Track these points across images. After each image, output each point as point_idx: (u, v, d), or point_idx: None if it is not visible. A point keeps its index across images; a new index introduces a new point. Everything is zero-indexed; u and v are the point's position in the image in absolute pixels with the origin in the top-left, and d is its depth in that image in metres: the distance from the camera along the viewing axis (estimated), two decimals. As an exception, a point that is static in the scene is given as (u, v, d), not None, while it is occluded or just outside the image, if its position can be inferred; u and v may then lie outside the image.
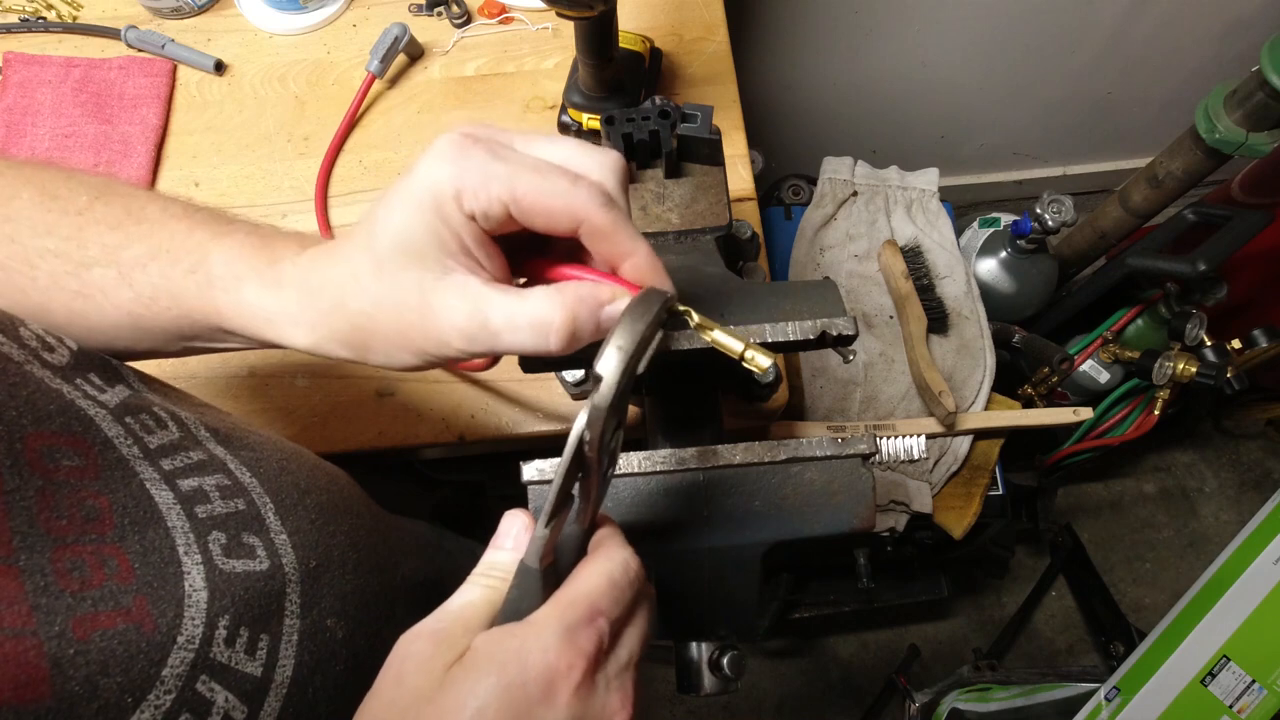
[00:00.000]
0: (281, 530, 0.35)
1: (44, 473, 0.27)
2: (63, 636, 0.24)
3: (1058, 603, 1.51)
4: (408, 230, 0.29)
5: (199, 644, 0.28)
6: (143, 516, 0.30)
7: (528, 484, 0.37)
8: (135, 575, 0.28)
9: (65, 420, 0.30)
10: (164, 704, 0.26)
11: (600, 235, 0.29)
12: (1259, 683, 0.89)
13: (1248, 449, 1.60)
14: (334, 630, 0.36)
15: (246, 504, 0.35)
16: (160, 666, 0.26)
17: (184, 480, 0.33)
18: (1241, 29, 1.25)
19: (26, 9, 0.78)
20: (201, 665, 0.28)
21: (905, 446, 0.86)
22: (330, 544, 0.38)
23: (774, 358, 0.30)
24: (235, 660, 0.29)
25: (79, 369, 0.33)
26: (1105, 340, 1.08)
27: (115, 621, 0.26)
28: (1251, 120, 0.89)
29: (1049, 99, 1.40)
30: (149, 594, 0.28)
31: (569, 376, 0.60)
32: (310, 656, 0.34)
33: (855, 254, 0.96)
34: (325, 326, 0.32)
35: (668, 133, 0.46)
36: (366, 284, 0.30)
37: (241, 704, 0.29)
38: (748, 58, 1.22)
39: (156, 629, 0.27)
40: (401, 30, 0.73)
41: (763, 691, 1.47)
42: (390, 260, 0.29)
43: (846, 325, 0.40)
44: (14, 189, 0.34)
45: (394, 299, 0.30)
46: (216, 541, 0.32)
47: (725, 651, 0.41)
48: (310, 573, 0.35)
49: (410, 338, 0.31)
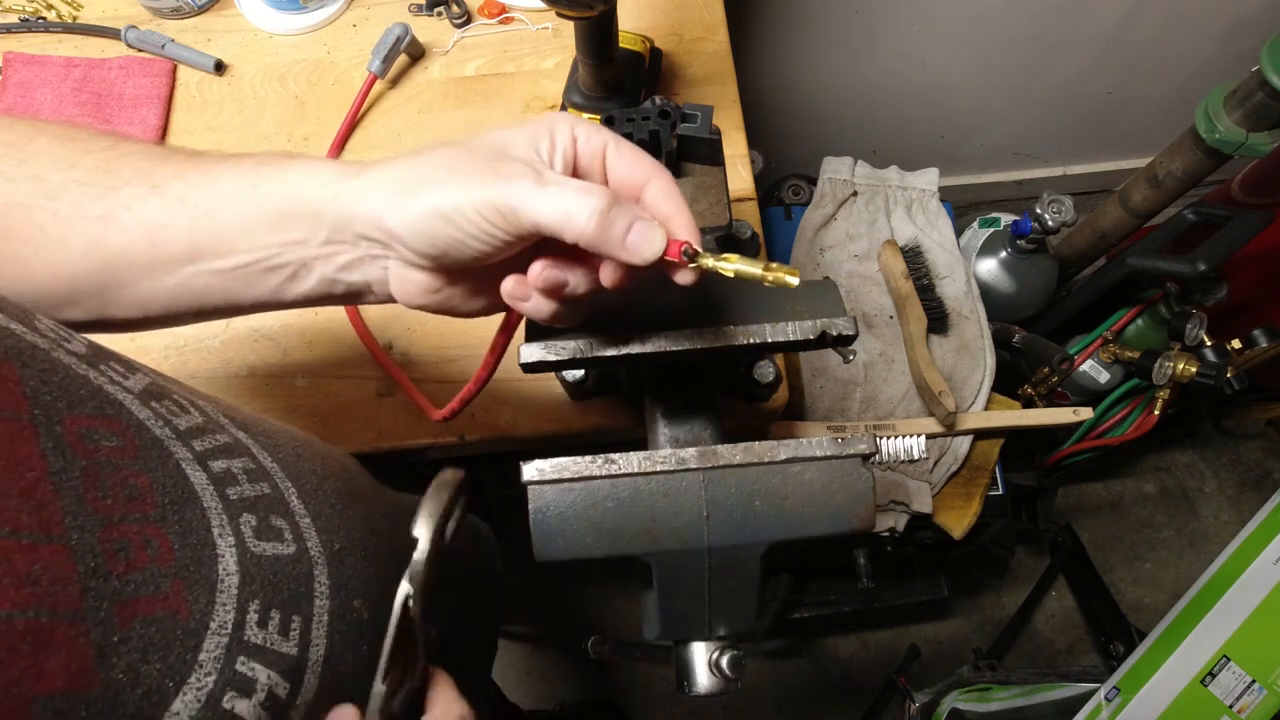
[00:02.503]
0: (305, 514, 0.36)
1: (85, 453, 0.27)
2: (108, 624, 0.24)
3: (1058, 603, 1.51)
4: (510, 136, 0.33)
5: (231, 628, 0.28)
6: (181, 496, 0.30)
7: (527, 484, 0.37)
8: (174, 557, 0.28)
9: (98, 404, 0.30)
10: (205, 685, 0.27)
11: (668, 194, 0.34)
12: (1259, 683, 0.89)
13: (1248, 449, 1.60)
14: (360, 611, 0.36)
15: (271, 488, 0.35)
16: (196, 652, 0.27)
17: (214, 462, 0.33)
18: (1241, 29, 1.25)
19: (26, 9, 0.78)
20: (237, 648, 0.28)
21: (905, 446, 0.86)
22: (350, 528, 0.38)
23: (797, 273, 0.33)
24: (270, 641, 0.30)
25: (100, 357, 0.33)
26: (1105, 340, 1.08)
27: (154, 608, 0.26)
28: (1251, 120, 0.89)
29: (1049, 99, 1.41)
30: (185, 578, 0.28)
31: (569, 376, 0.60)
32: (340, 636, 0.34)
33: (855, 254, 0.96)
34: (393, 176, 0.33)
35: (668, 133, 0.46)
36: (452, 145, 0.33)
37: (284, 680, 0.30)
38: (748, 58, 1.22)
39: (190, 616, 0.27)
40: (404, 30, 0.73)
41: (763, 691, 1.47)
42: (481, 143, 0.33)
43: (846, 325, 0.40)
44: (29, 135, 0.35)
45: (468, 154, 0.33)
46: (248, 524, 0.32)
47: (725, 651, 0.41)
48: (335, 555, 0.36)
49: (455, 180, 0.32)
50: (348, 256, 0.35)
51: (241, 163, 0.35)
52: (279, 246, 0.35)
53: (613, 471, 0.37)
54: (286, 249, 0.35)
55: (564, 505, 0.37)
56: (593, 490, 0.37)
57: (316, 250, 0.35)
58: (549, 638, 1.49)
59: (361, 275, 0.36)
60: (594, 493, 0.37)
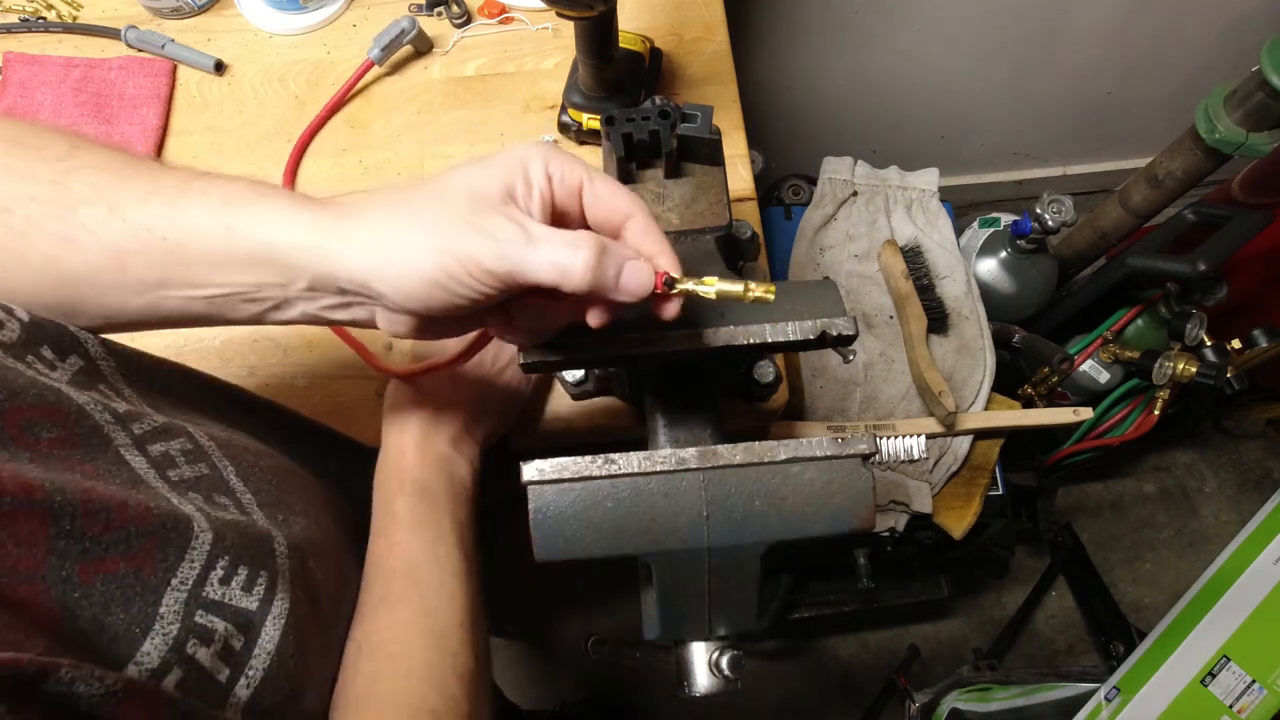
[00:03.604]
0: (246, 490, 0.36)
1: (28, 446, 0.28)
2: (68, 581, 0.26)
3: (1058, 603, 1.51)
4: (483, 179, 0.32)
5: (191, 584, 0.30)
6: (127, 479, 0.31)
7: (527, 484, 0.37)
8: (153, 517, 0.29)
9: (38, 392, 0.30)
10: (170, 632, 0.28)
11: (647, 231, 0.34)
12: (1259, 683, 0.89)
13: (1248, 449, 1.60)
14: (314, 571, 0.37)
15: (209, 468, 0.35)
16: (156, 606, 0.28)
17: (152, 445, 0.33)
18: (1241, 29, 1.25)
19: (26, 9, 0.78)
20: (195, 602, 0.30)
21: (905, 446, 0.86)
22: (290, 501, 0.39)
23: (773, 289, 0.33)
24: (229, 596, 0.31)
25: (30, 344, 0.32)
26: (1105, 340, 1.08)
27: (117, 567, 0.27)
28: (1251, 120, 0.89)
29: (1049, 99, 1.40)
30: (160, 536, 0.29)
31: (569, 377, 0.60)
32: (304, 594, 0.35)
33: (855, 254, 0.96)
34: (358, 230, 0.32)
35: (668, 133, 0.46)
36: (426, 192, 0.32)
37: (240, 634, 0.31)
38: (748, 58, 1.22)
39: (154, 573, 0.29)
40: (410, 24, 0.73)
41: (763, 691, 1.47)
42: (456, 189, 0.32)
43: (846, 325, 0.40)
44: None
45: (446, 206, 0.32)
46: (195, 501, 0.33)
47: (725, 651, 0.41)
48: (280, 524, 0.37)
49: (446, 238, 0.31)
50: (331, 301, 0.35)
51: (210, 193, 0.34)
52: (256, 285, 0.34)
53: (613, 471, 0.37)
54: (265, 288, 0.34)
55: (564, 505, 0.37)
56: (593, 490, 0.37)
57: (297, 293, 0.35)
58: (549, 638, 1.49)
59: (347, 315, 0.36)
60: (594, 493, 0.37)
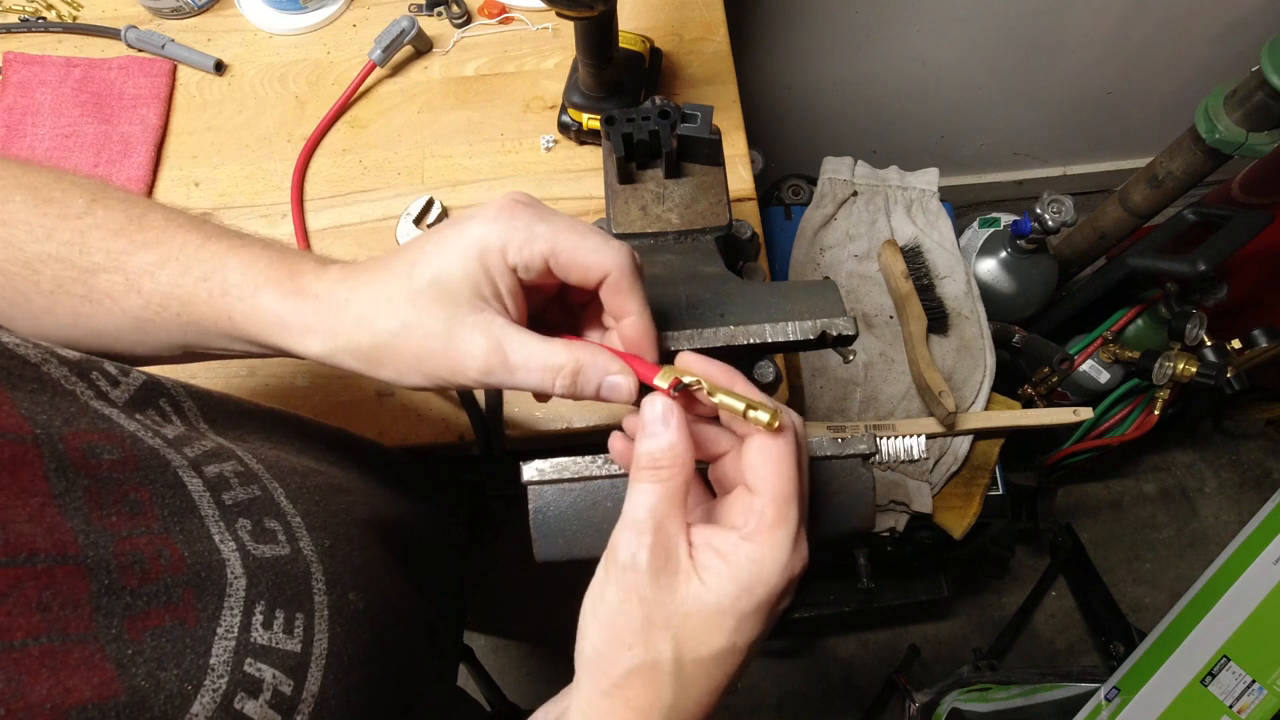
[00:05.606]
0: (295, 513, 0.36)
1: (89, 470, 0.28)
2: (119, 639, 0.25)
3: (1058, 603, 1.51)
4: (449, 270, 0.32)
5: (238, 631, 0.30)
6: (180, 506, 0.31)
7: (527, 484, 0.37)
8: (186, 565, 0.29)
9: (91, 419, 0.30)
10: (219, 687, 0.28)
11: (618, 289, 0.33)
12: (1259, 683, 0.89)
13: (1248, 449, 1.60)
14: (356, 603, 0.37)
15: (260, 490, 0.35)
16: (207, 656, 0.28)
17: (208, 467, 0.33)
18: (1241, 29, 1.25)
19: (26, 9, 0.78)
20: (244, 650, 0.29)
21: (905, 446, 0.86)
22: (337, 523, 0.39)
23: (772, 412, 0.30)
24: (275, 641, 0.31)
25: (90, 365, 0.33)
26: (1105, 340, 1.08)
27: (163, 619, 0.27)
28: (1251, 120, 0.89)
29: (1049, 99, 1.40)
30: (196, 585, 0.29)
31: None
32: (341, 629, 0.35)
33: (855, 254, 0.96)
34: (344, 338, 0.33)
35: (668, 133, 0.46)
36: (399, 306, 0.32)
37: (288, 678, 0.31)
38: (748, 58, 1.22)
39: (199, 623, 0.28)
40: (410, 23, 0.73)
41: (763, 691, 1.47)
42: (427, 291, 0.32)
43: (846, 325, 0.40)
44: (6, 193, 0.34)
45: (422, 325, 0.32)
46: (244, 529, 0.33)
47: (725, 651, 0.41)
48: (327, 551, 0.37)
49: (427, 361, 0.32)
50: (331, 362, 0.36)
51: (210, 278, 0.34)
52: (267, 350, 0.36)
53: (613, 471, 0.37)
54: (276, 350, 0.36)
55: (564, 505, 0.37)
56: (593, 490, 0.37)
57: None
58: (549, 638, 1.49)
59: None
60: (594, 493, 0.37)
